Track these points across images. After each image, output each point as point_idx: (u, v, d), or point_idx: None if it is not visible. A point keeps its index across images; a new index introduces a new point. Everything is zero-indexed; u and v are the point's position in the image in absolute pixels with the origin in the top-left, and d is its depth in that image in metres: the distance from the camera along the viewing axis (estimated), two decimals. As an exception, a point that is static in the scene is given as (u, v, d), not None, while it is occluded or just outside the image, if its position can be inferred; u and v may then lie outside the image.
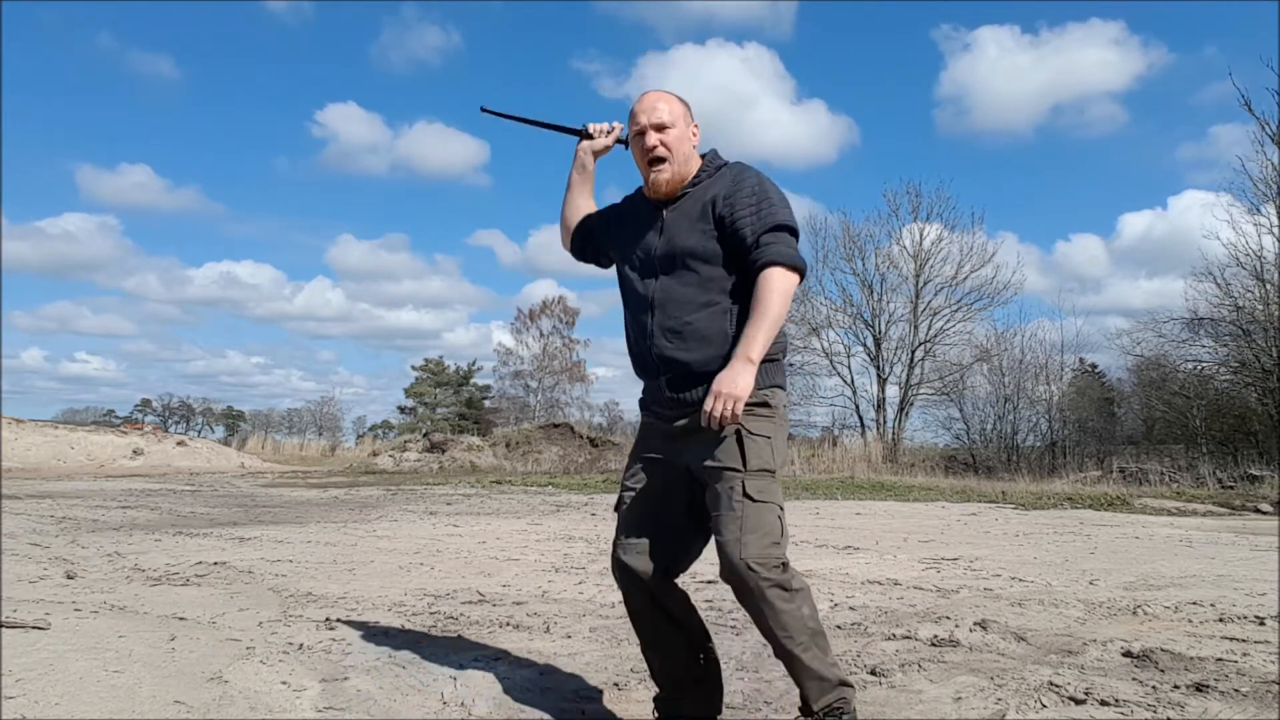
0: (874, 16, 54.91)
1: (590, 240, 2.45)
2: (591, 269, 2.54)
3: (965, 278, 22.23)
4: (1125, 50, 48.31)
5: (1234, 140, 45.11)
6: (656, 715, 2.27)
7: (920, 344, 22.49)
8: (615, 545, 2.27)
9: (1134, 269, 43.33)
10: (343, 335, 70.31)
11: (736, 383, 2.00)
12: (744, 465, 2.06)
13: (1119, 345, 21.66)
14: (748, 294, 2.11)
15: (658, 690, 2.30)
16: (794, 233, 2.13)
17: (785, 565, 2.05)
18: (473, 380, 42.79)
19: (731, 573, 2.02)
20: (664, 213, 2.22)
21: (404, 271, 70.17)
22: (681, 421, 2.14)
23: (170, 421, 57.30)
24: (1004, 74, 47.45)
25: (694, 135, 2.24)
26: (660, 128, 2.17)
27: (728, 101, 46.57)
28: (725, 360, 2.06)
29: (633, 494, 2.26)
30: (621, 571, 2.25)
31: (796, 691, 2.14)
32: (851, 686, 2.13)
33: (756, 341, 2.03)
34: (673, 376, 2.13)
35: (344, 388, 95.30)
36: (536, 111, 2.62)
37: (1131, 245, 41.29)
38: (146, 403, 59.80)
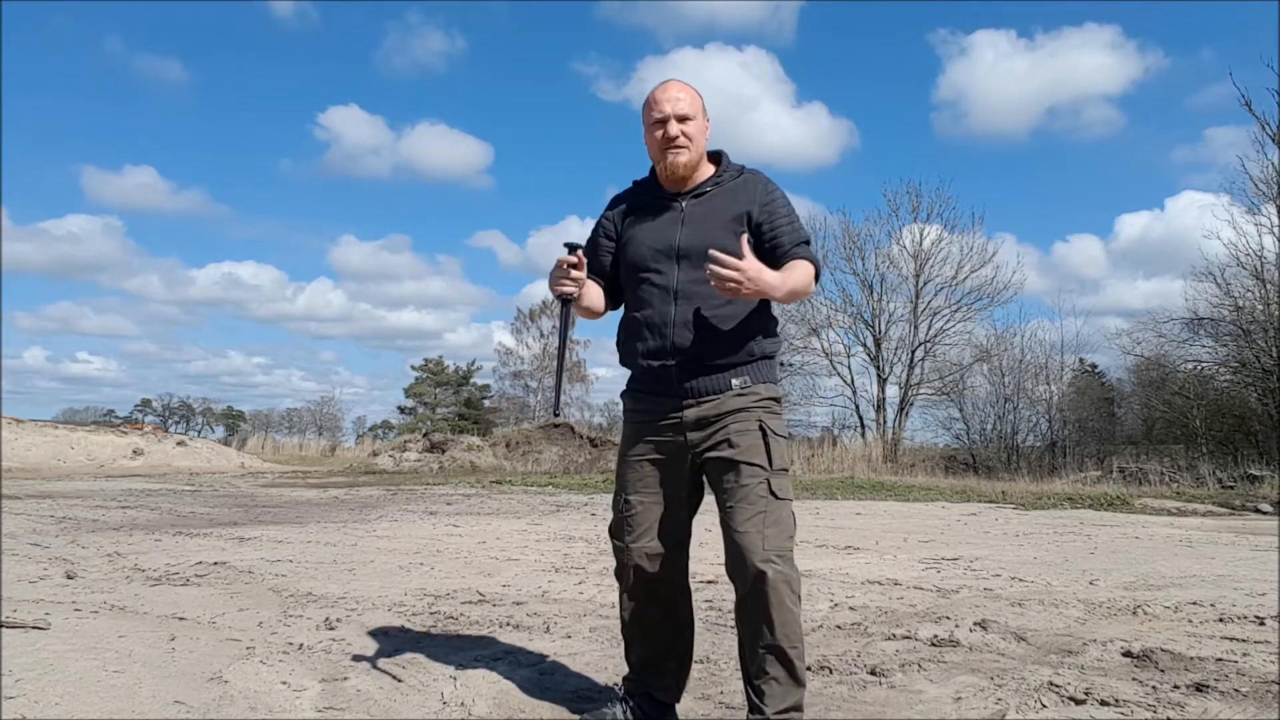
0: (872, 21, 55.08)
1: (615, 277, 2.41)
2: None
3: (965, 278, 22.21)
4: (1121, 54, 48.59)
5: (1229, 142, 45.44)
6: (625, 694, 2.34)
7: (920, 344, 22.46)
8: (630, 550, 2.27)
9: (1131, 270, 43.42)
10: (344, 336, 70.58)
11: (764, 278, 2.06)
12: (770, 464, 2.15)
13: (1119, 345, 21.67)
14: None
15: (629, 671, 2.38)
16: (810, 244, 2.31)
17: (794, 560, 2.15)
18: (472, 380, 42.81)
19: (750, 564, 2.08)
20: (682, 204, 2.28)
21: (406, 272, 70.39)
22: (693, 410, 2.20)
23: (170, 421, 57.37)
24: (1001, 78, 47.65)
25: (707, 129, 2.32)
26: (682, 118, 2.23)
27: (728, 104, 46.56)
28: (744, 352, 2.21)
29: (640, 494, 2.28)
30: (641, 576, 2.29)
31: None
32: (802, 709, 2.15)
33: (788, 280, 2.14)
34: (692, 365, 2.19)
35: (344, 388, 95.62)
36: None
37: (1129, 246, 41.41)
38: (147, 403, 59.92)
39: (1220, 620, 3.68)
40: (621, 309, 2.42)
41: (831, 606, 3.96)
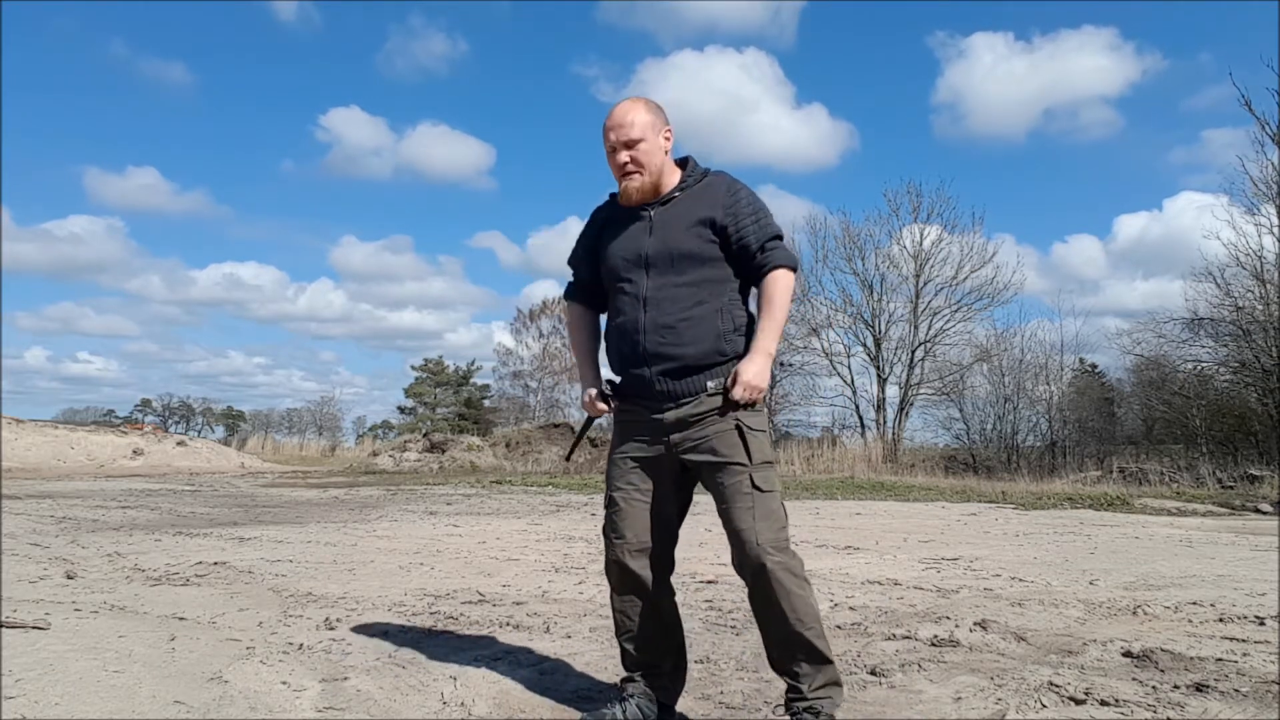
0: (871, 23, 55.02)
1: (599, 288, 2.49)
2: None
3: (965, 278, 22.17)
4: (1119, 56, 48.64)
5: (1226, 144, 45.39)
6: (624, 695, 2.36)
7: (920, 344, 22.43)
8: (612, 547, 2.36)
9: (1130, 270, 43.40)
10: (344, 336, 70.62)
11: (762, 375, 2.21)
12: (750, 459, 2.22)
13: (1119, 345, 21.63)
14: (741, 292, 2.33)
15: (625, 674, 2.40)
16: (783, 238, 2.36)
17: (791, 548, 2.23)
18: (472, 380, 42.79)
19: (749, 559, 2.17)
20: (651, 213, 2.34)
21: (407, 273, 70.46)
22: (672, 411, 2.27)
23: (170, 421, 57.34)
24: (999, 80, 47.62)
25: (667, 139, 2.35)
26: (630, 144, 2.28)
27: (728, 106, 46.66)
28: (716, 353, 2.25)
29: (624, 493, 2.35)
30: (623, 574, 2.35)
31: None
32: (840, 683, 2.25)
33: (772, 335, 2.26)
34: (665, 370, 2.26)
35: (345, 388, 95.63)
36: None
37: (1128, 247, 41.36)
38: (147, 403, 59.90)
39: (1220, 620, 3.68)
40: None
41: (831, 606, 3.96)
